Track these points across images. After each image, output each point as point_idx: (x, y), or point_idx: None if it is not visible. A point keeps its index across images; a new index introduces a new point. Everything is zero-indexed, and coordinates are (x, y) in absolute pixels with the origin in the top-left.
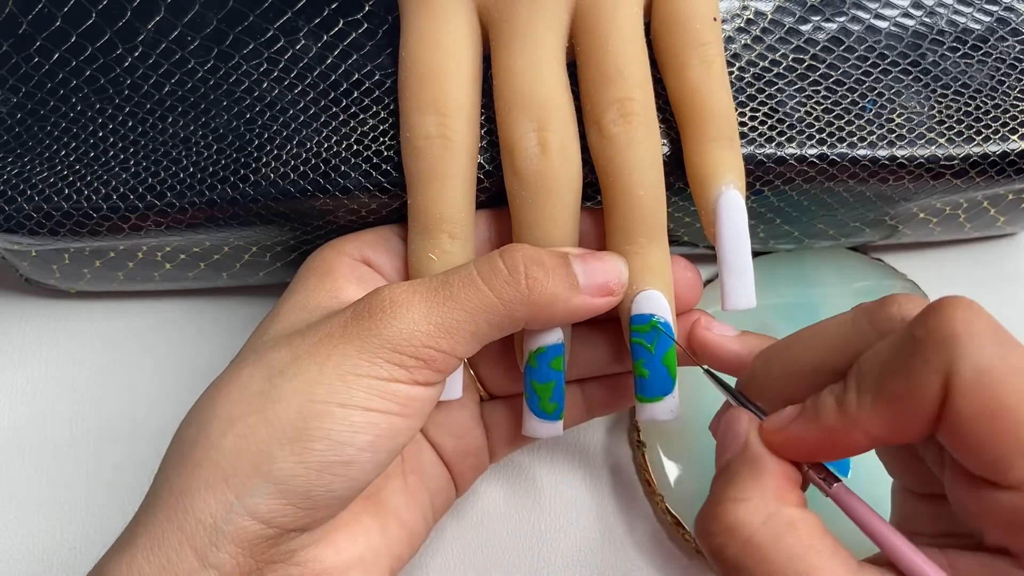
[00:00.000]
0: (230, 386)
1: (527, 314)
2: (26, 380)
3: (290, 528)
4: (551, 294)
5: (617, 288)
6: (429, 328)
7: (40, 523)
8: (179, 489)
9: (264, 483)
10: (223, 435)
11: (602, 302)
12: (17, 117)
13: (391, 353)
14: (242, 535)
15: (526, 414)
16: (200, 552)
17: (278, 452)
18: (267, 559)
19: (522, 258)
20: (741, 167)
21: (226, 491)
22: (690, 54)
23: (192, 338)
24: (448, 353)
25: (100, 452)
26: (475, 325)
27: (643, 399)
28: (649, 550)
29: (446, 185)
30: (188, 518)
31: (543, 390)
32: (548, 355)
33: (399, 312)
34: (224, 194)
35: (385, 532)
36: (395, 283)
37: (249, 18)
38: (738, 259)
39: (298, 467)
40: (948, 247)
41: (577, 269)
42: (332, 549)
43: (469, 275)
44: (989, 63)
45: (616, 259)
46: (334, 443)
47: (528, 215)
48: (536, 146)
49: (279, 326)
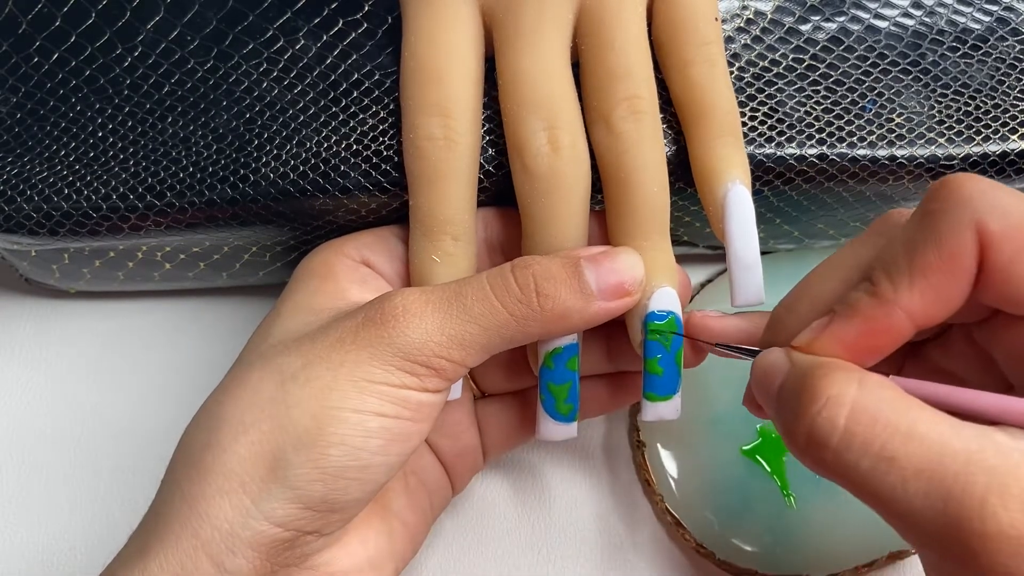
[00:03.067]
0: (239, 391)
1: (541, 330)
2: (26, 380)
3: (306, 531)
4: (565, 308)
5: (633, 287)
6: (442, 339)
7: (40, 523)
8: (192, 495)
9: (281, 488)
10: (236, 441)
11: (619, 304)
12: (17, 117)
13: (403, 361)
14: (260, 540)
15: (542, 417)
16: (216, 559)
17: (294, 458)
18: (282, 562)
19: (533, 275)
20: (746, 163)
21: (242, 497)
22: (693, 53)
23: (192, 338)
24: (459, 364)
25: (100, 452)
26: (487, 339)
27: (654, 397)
28: (649, 550)
29: (449, 187)
30: (204, 525)
31: (559, 391)
32: (564, 355)
33: (412, 321)
34: (224, 194)
35: (391, 534)
36: (406, 289)
37: (249, 18)
38: (747, 254)
39: (315, 472)
40: None
41: (589, 275)
42: (344, 552)
43: (483, 290)
44: (989, 63)
45: (629, 255)
46: (350, 448)
47: (540, 214)
48: (547, 145)
49: (283, 329)
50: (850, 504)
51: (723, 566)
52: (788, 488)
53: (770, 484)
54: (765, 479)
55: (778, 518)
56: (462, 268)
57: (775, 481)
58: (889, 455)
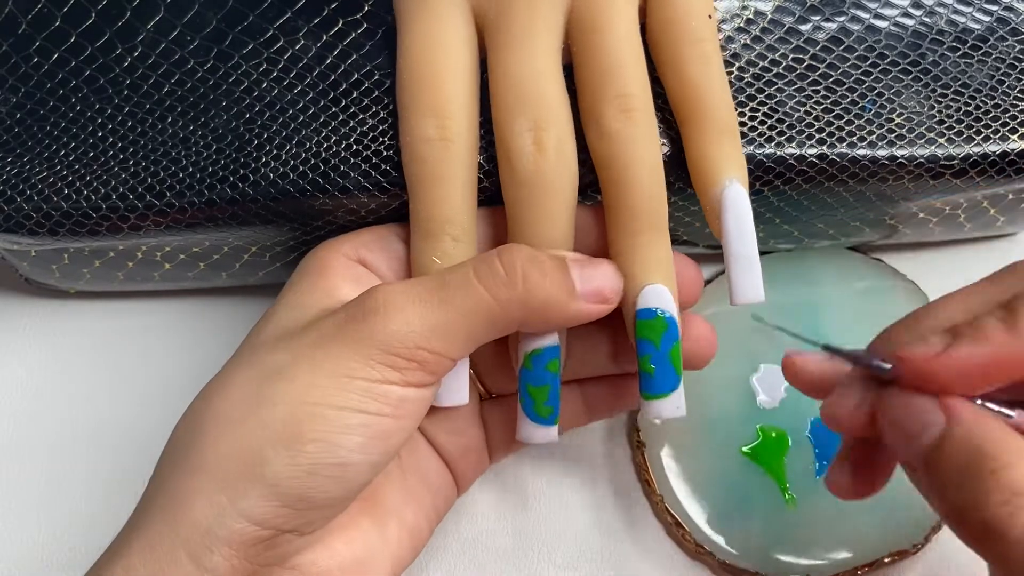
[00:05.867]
0: (226, 388)
1: (523, 315)
2: (26, 380)
3: (285, 530)
4: (548, 296)
5: (611, 296)
6: (423, 330)
7: (38, 523)
8: (174, 492)
9: (258, 486)
10: (218, 438)
11: (596, 309)
12: (17, 117)
13: (384, 355)
14: (236, 538)
15: (521, 418)
16: (194, 556)
17: (271, 455)
18: (262, 562)
19: (519, 259)
20: (743, 161)
21: (219, 494)
22: (688, 51)
23: (192, 338)
24: (441, 355)
25: (99, 452)
26: (470, 326)
27: (649, 396)
28: (649, 550)
29: (448, 188)
30: (183, 521)
31: (538, 393)
32: (544, 357)
33: (392, 313)
34: (223, 194)
35: (384, 533)
36: (388, 284)
37: (249, 18)
38: (745, 253)
39: (291, 469)
40: (948, 247)
41: (574, 274)
42: (328, 552)
43: (465, 276)
44: (989, 63)
45: (611, 267)
46: (327, 445)
47: (525, 214)
48: (532, 145)
49: (273, 326)
50: (850, 504)
51: (723, 566)
52: (788, 488)
53: (770, 484)
54: (765, 479)
55: (778, 518)
56: None
57: (774, 481)
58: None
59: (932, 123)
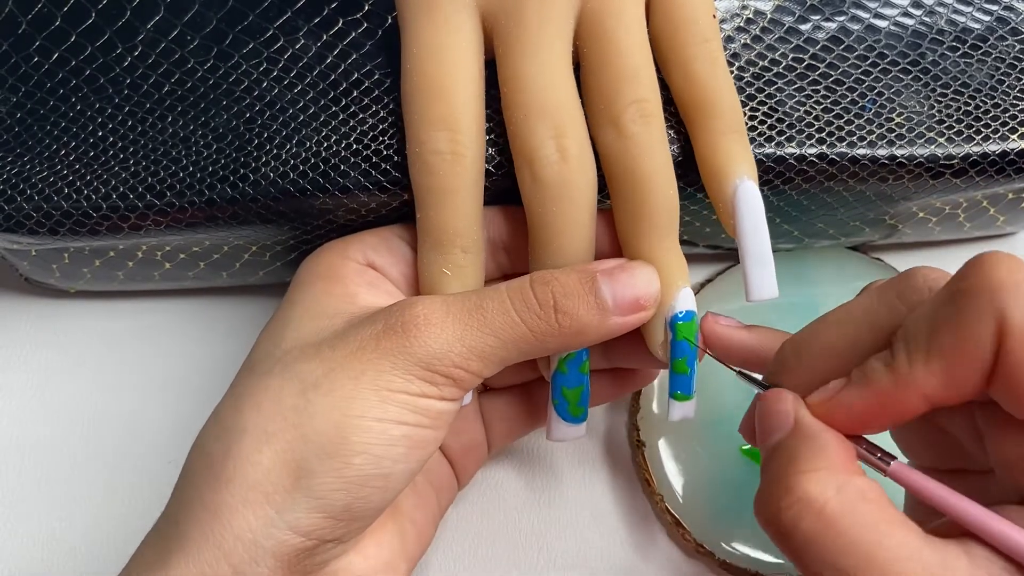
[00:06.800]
0: (259, 398)
1: (560, 344)
2: (26, 380)
3: (328, 540)
4: (582, 324)
5: (648, 302)
6: (462, 350)
7: (39, 523)
8: (214, 505)
9: (305, 498)
10: (259, 450)
11: (634, 319)
12: (17, 117)
13: (423, 371)
14: (282, 549)
15: (554, 419)
16: (238, 568)
17: (318, 467)
18: (302, 570)
19: (552, 292)
20: (752, 159)
21: (266, 507)
22: (694, 51)
23: (192, 337)
24: (476, 374)
25: (100, 452)
26: (506, 352)
27: (681, 397)
28: (649, 550)
29: (458, 201)
30: (226, 535)
31: (572, 395)
32: (578, 360)
33: (432, 331)
34: (224, 194)
35: (402, 535)
36: (426, 297)
37: (249, 17)
38: (759, 250)
39: (338, 482)
40: (948, 247)
41: (606, 290)
42: (361, 556)
43: (503, 303)
44: (989, 62)
45: (646, 270)
46: (373, 457)
47: (551, 223)
48: (556, 153)
49: (296, 334)
50: None
51: (723, 566)
52: None
53: None
54: None
55: None
56: (472, 279)
57: None
58: (842, 569)
59: (932, 123)
